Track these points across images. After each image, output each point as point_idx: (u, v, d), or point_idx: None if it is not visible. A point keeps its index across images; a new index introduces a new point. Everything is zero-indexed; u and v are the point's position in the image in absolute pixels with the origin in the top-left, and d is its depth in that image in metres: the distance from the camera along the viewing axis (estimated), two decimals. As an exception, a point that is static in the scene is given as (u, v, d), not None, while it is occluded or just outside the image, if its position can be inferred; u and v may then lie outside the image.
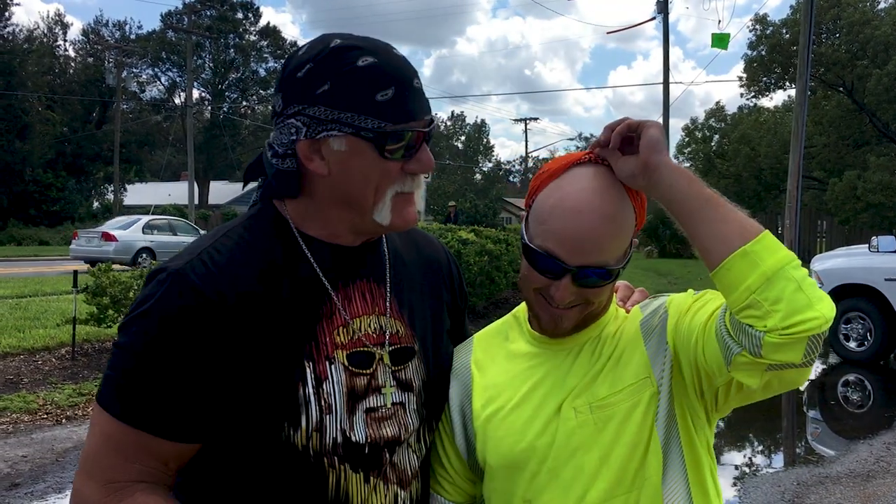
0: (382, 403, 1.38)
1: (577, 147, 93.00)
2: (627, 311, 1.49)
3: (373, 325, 1.41)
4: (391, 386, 1.40)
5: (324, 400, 1.31)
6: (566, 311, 1.40)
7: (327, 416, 1.31)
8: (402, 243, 1.55)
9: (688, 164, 37.44)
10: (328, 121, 1.29)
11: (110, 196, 48.61)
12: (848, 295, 10.50)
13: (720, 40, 14.58)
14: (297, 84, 1.31)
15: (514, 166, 75.16)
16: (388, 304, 1.44)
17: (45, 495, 5.34)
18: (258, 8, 58.71)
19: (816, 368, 11.14)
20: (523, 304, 1.55)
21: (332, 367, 1.33)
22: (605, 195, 1.35)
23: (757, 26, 30.47)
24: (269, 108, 1.47)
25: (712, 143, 36.33)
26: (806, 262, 12.52)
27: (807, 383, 10.11)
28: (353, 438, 1.33)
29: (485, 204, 48.98)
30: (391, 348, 1.42)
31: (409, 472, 1.43)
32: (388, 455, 1.38)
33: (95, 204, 49.38)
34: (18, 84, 42.39)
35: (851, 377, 10.15)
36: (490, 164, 65.29)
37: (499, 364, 1.51)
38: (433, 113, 1.40)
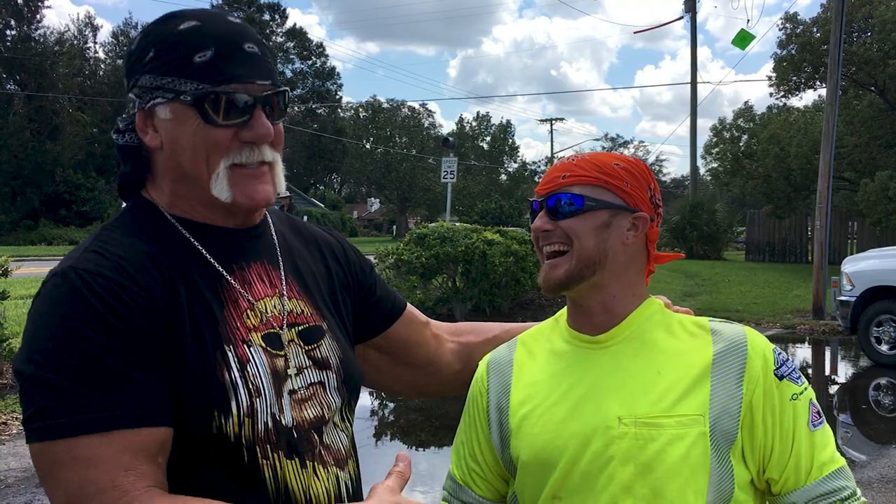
0: (300, 384, 1.33)
1: (603, 147, 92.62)
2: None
3: (276, 307, 1.36)
4: (307, 366, 1.36)
5: (251, 383, 1.25)
6: (556, 259, 1.42)
7: (257, 400, 1.25)
8: (288, 230, 1.52)
9: (715, 164, 37.12)
10: (153, 88, 1.27)
11: (139, 196, 49.06)
12: (879, 297, 10.34)
13: (742, 39, 14.41)
14: (132, 58, 1.30)
15: (539, 167, 75.01)
16: (285, 285, 1.40)
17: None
18: (285, 9, 59.23)
19: (847, 371, 10.99)
20: (564, 308, 1.55)
21: (252, 349, 1.28)
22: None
23: (787, 25, 30.12)
24: (297, 109, 1.44)
25: (741, 144, 35.92)
26: (837, 265, 12.39)
27: (837, 387, 9.98)
28: (283, 422, 1.28)
29: (510, 204, 48.82)
30: (301, 328, 1.38)
31: (343, 452, 1.39)
32: (316, 437, 1.33)
33: (123, 204, 49.87)
34: (49, 86, 42.97)
35: (883, 381, 9.98)
36: (515, 165, 65.23)
37: (538, 363, 1.52)
38: (460, 114, 1.41)
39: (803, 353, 12.43)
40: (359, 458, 1.48)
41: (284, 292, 1.39)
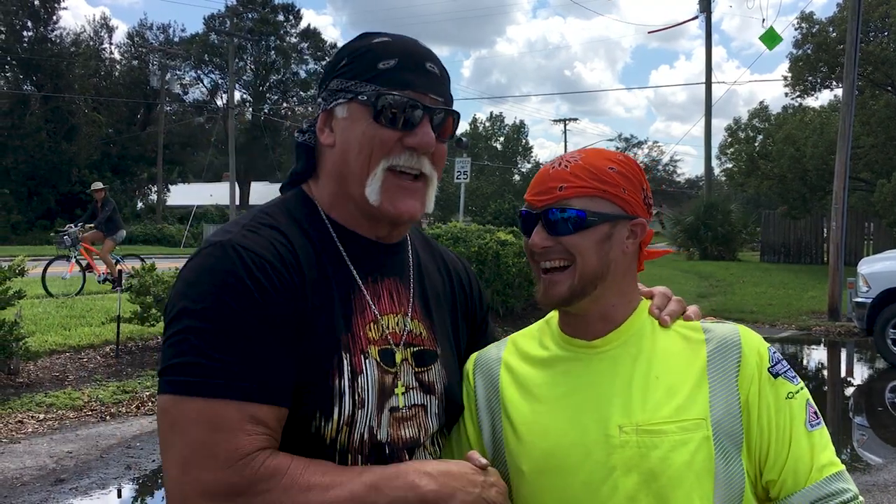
0: (405, 404, 1.37)
1: (617, 147, 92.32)
2: (666, 324, 1.43)
3: (399, 325, 1.41)
4: (413, 387, 1.39)
5: (357, 394, 1.30)
6: (557, 275, 1.38)
7: (359, 411, 1.30)
8: (424, 252, 1.56)
9: (730, 165, 36.93)
10: (338, 90, 1.37)
11: (154, 196, 49.36)
12: (896, 299, 10.26)
13: (770, 39, 14.32)
14: (327, 67, 1.43)
15: (553, 167, 74.61)
16: (412, 305, 1.44)
17: (89, 491, 5.43)
18: (299, 10, 59.23)
19: (863, 373, 10.91)
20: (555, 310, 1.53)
21: (367, 361, 1.33)
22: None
23: (803, 24, 29.96)
24: (310, 109, 1.51)
25: (756, 144, 35.75)
26: (853, 266, 12.30)
27: (853, 389, 9.91)
28: (379, 437, 1.32)
29: (523, 205, 48.70)
30: (415, 349, 1.41)
31: None
32: (406, 457, 1.36)
33: (139, 204, 50.18)
34: (65, 86, 43.25)
35: (900, 383, 9.91)
36: (529, 165, 65.11)
37: (531, 366, 1.48)
38: (474, 114, 1.41)
39: (819, 354, 12.35)
40: None
41: (409, 312, 1.44)
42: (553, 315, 1.53)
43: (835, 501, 1.30)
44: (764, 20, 47.83)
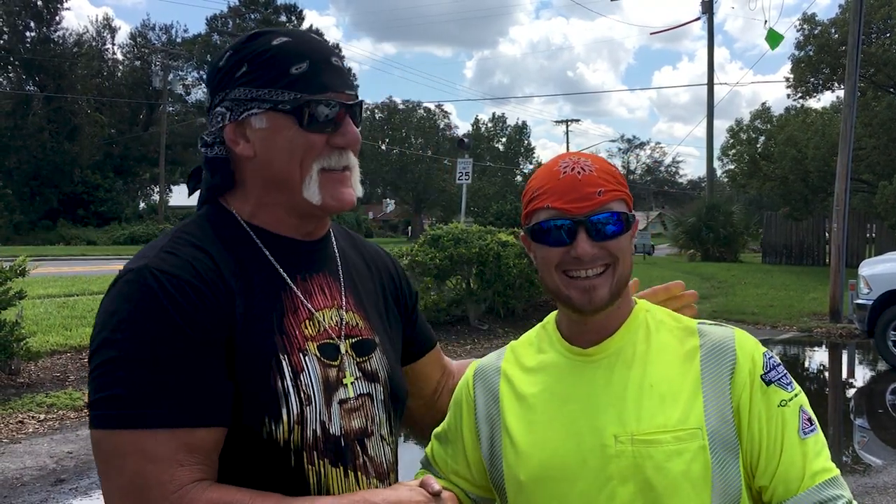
0: (351, 395, 1.38)
1: (619, 149, 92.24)
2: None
3: (334, 318, 1.41)
4: (358, 377, 1.40)
5: (303, 391, 1.30)
6: (596, 279, 1.35)
7: (307, 408, 1.30)
8: (347, 244, 1.57)
9: (732, 166, 36.89)
10: (248, 100, 1.34)
11: (156, 197, 49.44)
12: (897, 300, 10.24)
13: (772, 39, 14.30)
14: (220, 73, 1.38)
15: (555, 168, 74.50)
16: (344, 298, 1.45)
17: (89, 491, 5.43)
18: (301, 11, 59.37)
19: (864, 375, 10.89)
20: (552, 315, 1.52)
21: (307, 358, 1.33)
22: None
23: (805, 26, 29.92)
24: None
25: (758, 145, 35.72)
26: (854, 267, 12.28)
27: (853, 391, 9.90)
28: (331, 430, 1.33)
29: (525, 206, 48.63)
30: (353, 340, 1.43)
31: (385, 465, 1.43)
32: (360, 447, 1.37)
33: (141, 204, 50.27)
34: (68, 87, 43.32)
35: (901, 385, 9.89)
36: (531, 166, 65.04)
37: (529, 374, 1.47)
38: (476, 115, 1.41)
39: (820, 356, 12.34)
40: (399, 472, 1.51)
41: (343, 304, 1.44)
42: (550, 319, 1.52)
43: None
44: (766, 21, 47.81)
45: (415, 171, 56.94)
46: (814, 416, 1.36)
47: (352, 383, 1.39)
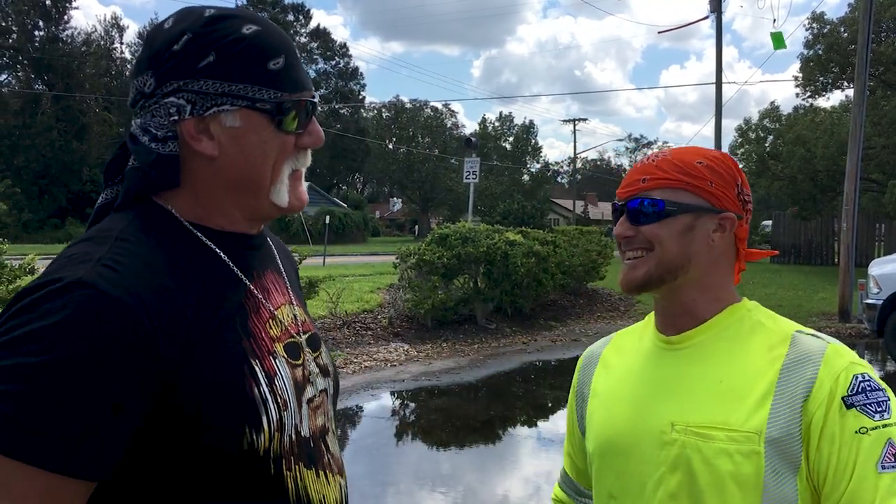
0: (315, 393, 1.32)
1: (627, 148, 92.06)
2: None
3: (289, 315, 1.34)
4: (316, 373, 1.34)
5: (279, 396, 1.21)
6: (636, 261, 1.41)
7: (285, 413, 1.22)
8: (270, 236, 1.51)
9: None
10: (218, 94, 1.20)
11: (164, 195, 49.59)
12: (907, 300, 10.19)
13: (777, 40, 14.26)
14: (174, 58, 1.20)
15: (562, 167, 74.71)
16: (290, 292, 1.39)
17: (97, 488, 5.42)
18: (309, 10, 59.47)
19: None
20: None
21: (277, 361, 1.24)
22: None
23: (814, 24, 29.84)
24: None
25: (766, 144, 35.64)
26: (863, 267, 12.23)
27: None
28: (303, 432, 1.26)
29: (532, 205, 48.68)
30: (307, 335, 1.36)
31: (341, 461, 1.39)
32: (323, 445, 1.32)
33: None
34: (76, 86, 43.49)
35: (910, 385, 9.84)
36: (538, 165, 65.03)
37: (623, 359, 1.53)
38: (483, 114, 1.39)
39: (829, 356, 12.28)
40: (366, 462, 1.51)
41: (291, 299, 1.38)
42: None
43: None
44: (775, 20, 47.63)
45: (422, 170, 56.91)
46: None
47: (314, 381, 1.33)
